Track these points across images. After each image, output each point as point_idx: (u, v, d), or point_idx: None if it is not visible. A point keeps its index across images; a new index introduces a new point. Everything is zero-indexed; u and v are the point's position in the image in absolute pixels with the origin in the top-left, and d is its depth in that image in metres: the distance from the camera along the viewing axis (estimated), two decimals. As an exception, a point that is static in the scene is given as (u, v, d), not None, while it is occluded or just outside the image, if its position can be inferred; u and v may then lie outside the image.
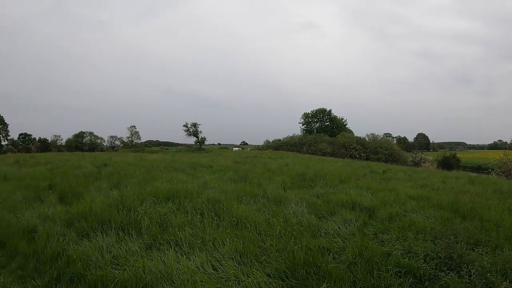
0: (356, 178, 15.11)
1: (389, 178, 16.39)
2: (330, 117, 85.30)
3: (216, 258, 5.38)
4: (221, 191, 10.15)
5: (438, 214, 7.84)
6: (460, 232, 5.97)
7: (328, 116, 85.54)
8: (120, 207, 7.99)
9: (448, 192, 11.23)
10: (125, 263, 5.28)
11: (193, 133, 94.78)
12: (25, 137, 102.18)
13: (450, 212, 8.12)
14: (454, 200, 9.36)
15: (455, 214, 7.92)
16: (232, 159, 28.63)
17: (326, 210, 8.35)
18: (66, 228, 7.00)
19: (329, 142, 63.22)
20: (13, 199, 9.87)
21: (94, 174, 15.12)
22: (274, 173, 16.63)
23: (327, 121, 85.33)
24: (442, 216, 7.63)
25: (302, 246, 5.55)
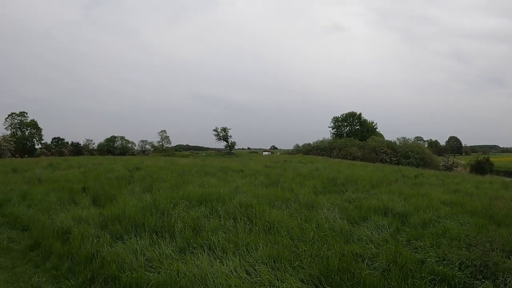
0: (387, 183, 15.08)
1: (421, 183, 16.28)
2: (360, 121, 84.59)
3: (249, 262, 5.41)
4: (253, 195, 10.20)
5: (472, 220, 7.71)
6: (495, 239, 5.86)
7: (358, 119, 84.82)
8: (154, 211, 8.14)
9: (482, 198, 11.09)
10: (159, 266, 5.38)
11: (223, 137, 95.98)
12: (58, 141, 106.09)
13: (485, 218, 7.97)
14: (488, 206, 9.22)
15: (490, 221, 7.78)
16: (262, 163, 28.72)
17: (358, 216, 8.33)
18: (100, 230, 7.21)
19: (359, 146, 62.49)
20: (47, 200, 10.24)
21: (126, 178, 15.55)
22: (305, 177, 16.68)
23: (357, 125, 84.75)
24: (476, 222, 7.50)
25: (336, 252, 5.52)
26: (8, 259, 6.79)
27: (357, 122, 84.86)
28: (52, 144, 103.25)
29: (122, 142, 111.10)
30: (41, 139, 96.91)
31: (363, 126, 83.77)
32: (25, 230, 8.27)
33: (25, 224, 8.53)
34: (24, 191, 11.79)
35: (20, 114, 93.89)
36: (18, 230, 8.36)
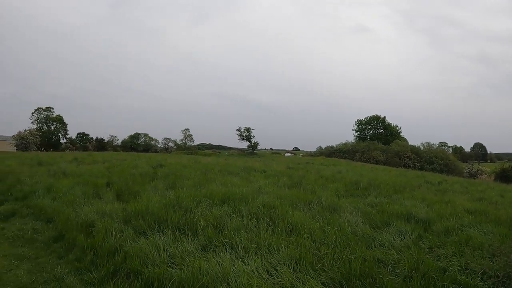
0: (410, 189, 15.01)
1: (445, 189, 16.14)
2: (384, 125, 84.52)
3: (271, 263, 5.43)
4: (275, 196, 10.24)
5: (496, 230, 7.54)
6: (519, 250, 5.72)
7: (382, 123, 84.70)
8: (177, 208, 8.24)
9: (506, 207, 10.88)
10: (181, 263, 5.44)
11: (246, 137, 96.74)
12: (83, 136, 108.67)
13: (509, 228, 7.77)
14: (513, 215, 8.99)
15: (514, 231, 7.61)
16: (284, 164, 28.82)
17: (381, 221, 8.28)
18: (124, 225, 7.35)
19: (382, 150, 62.26)
20: (72, 194, 10.46)
21: (150, 174, 15.73)
22: (328, 180, 16.69)
23: (381, 129, 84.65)
24: (500, 232, 7.33)
25: (358, 256, 5.50)
26: (32, 249, 7.01)
27: (381, 126, 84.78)
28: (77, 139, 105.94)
29: (145, 139, 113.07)
30: (66, 134, 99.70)
31: (387, 130, 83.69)
32: (49, 222, 8.48)
33: (49, 216, 8.74)
34: (49, 184, 12.09)
35: (46, 109, 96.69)
36: (43, 222, 8.59)
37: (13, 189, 12.16)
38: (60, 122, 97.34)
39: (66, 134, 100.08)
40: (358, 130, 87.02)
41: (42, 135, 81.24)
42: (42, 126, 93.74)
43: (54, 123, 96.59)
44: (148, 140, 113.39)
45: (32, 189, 11.51)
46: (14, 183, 13.05)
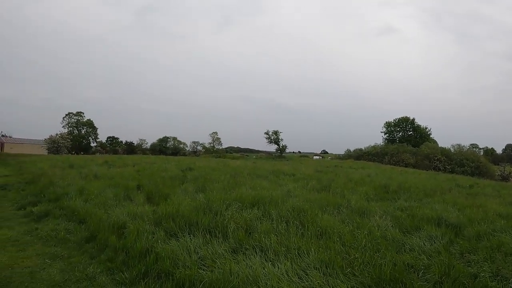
0: (441, 192, 14.76)
1: (476, 193, 15.78)
2: (413, 126, 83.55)
3: (301, 266, 5.43)
4: (304, 200, 10.28)
5: None
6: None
7: (411, 125, 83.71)
8: (207, 211, 8.35)
9: None
10: (212, 265, 5.50)
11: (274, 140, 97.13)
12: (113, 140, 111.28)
13: None
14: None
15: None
16: (313, 167, 28.76)
17: (411, 225, 8.17)
18: (154, 226, 7.47)
19: (412, 152, 61.37)
20: (104, 196, 10.73)
21: (179, 177, 15.97)
22: (357, 183, 16.58)
23: (410, 130, 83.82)
24: None
25: (388, 261, 5.45)
26: (65, 249, 7.24)
27: (410, 128, 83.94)
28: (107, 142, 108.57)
29: (174, 142, 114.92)
30: (96, 138, 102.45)
31: (416, 132, 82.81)
32: (82, 223, 8.72)
33: (81, 217, 8.99)
34: (81, 186, 12.45)
35: (77, 114, 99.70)
36: (75, 223, 8.85)
37: (46, 190, 12.62)
38: (91, 126, 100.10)
39: (96, 138, 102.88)
40: (387, 132, 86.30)
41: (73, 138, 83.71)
42: (73, 130, 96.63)
43: (84, 127, 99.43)
44: (177, 144, 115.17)
45: (64, 191, 11.88)
46: (47, 185, 13.53)
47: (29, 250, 7.13)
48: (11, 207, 11.53)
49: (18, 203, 11.82)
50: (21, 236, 8.15)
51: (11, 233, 8.31)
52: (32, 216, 9.89)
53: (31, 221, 9.45)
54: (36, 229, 8.60)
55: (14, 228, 8.81)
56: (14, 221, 9.52)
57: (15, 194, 13.86)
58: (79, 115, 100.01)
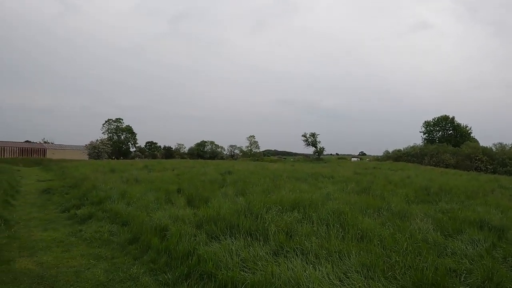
0: (483, 194, 14.42)
1: None
2: (453, 125, 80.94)
3: (342, 269, 5.42)
4: (344, 202, 10.22)
5: None
6: None
7: (451, 124, 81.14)
8: (248, 214, 8.44)
9: None
10: (254, 267, 5.56)
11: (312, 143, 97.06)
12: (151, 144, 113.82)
13: None
14: None
15: None
16: (351, 170, 28.63)
17: (452, 228, 7.97)
18: (196, 229, 7.64)
19: (452, 152, 59.58)
20: (145, 199, 11.03)
21: (219, 181, 16.22)
22: (397, 185, 16.40)
23: (450, 130, 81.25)
24: None
25: (429, 265, 5.35)
26: (108, 250, 7.53)
27: (450, 127, 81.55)
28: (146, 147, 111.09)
29: (211, 146, 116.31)
30: (135, 143, 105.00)
31: (456, 131, 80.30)
32: (124, 225, 9.00)
33: (124, 220, 9.28)
34: (123, 190, 12.83)
35: (116, 120, 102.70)
36: (118, 225, 9.14)
37: (88, 194, 13.08)
38: (130, 132, 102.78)
39: (135, 143, 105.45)
40: (426, 132, 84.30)
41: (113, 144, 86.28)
42: (113, 136, 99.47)
43: (123, 133, 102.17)
44: (214, 148, 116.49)
45: (107, 194, 12.29)
46: (90, 188, 14.04)
47: (74, 251, 7.47)
48: (56, 209, 12.06)
49: (62, 206, 12.36)
50: (66, 237, 8.53)
51: (56, 235, 8.72)
52: (76, 218, 10.32)
53: (75, 223, 9.87)
54: (80, 230, 8.97)
55: (59, 229, 9.23)
56: (58, 223, 9.97)
57: (59, 197, 14.47)
58: (118, 122, 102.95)
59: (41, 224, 9.82)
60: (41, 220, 10.39)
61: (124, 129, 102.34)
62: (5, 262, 6.61)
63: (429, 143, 75.58)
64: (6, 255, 7.00)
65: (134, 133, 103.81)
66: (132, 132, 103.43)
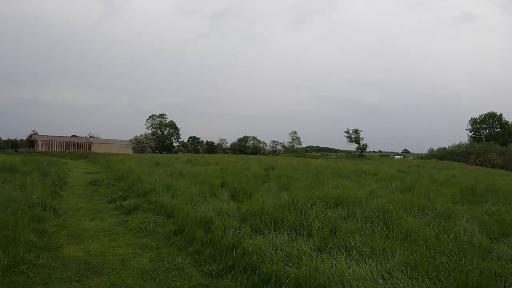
0: None
1: None
2: (500, 123, 78.02)
3: (385, 268, 5.37)
4: (388, 200, 10.15)
5: None
6: None
7: (498, 121, 78.03)
8: (292, 209, 8.47)
9: None
10: (298, 262, 5.57)
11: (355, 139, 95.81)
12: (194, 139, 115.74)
13: None
14: None
15: None
16: (395, 167, 28.38)
17: (499, 231, 7.66)
18: (240, 222, 7.75)
19: (499, 152, 57.52)
20: (190, 192, 11.21)
21: (262, 176, 16.36)
22: (442, 185, 16.05)
23: (497, 128, 78.25)
24: None
25: (474, 268, 5.21)
26: (154, 240, 7.75)
27: (497, 124, 78.68)
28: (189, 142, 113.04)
29: (253, 142, 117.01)
30: (178, 138, 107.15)
31: (504, 129, 77.53)
32: (170, 217, 9.21)
33: (169, 212, 9.49)
34: (168, 183, 13.11)
35: (160, 116, 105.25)
36: (163, 217, 9.37)
37: (134, 186, 13.49)
38: (173, 127, 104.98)
39: (178, 138, 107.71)
40: (472, 130, 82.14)
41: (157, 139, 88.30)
42: (156, 131, 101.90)
43: (167, 128, 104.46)
44: (256, 143, 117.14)
45: (152, 187, 12.60)
46: (135, 181, 14.45)
47: (120, 240, 7.75)
48: (102, 200, 12.51)
49: (108, 197, 12.81)
50: (113, 227, 8.84)
51: (103, 224, 9.07)
52: (122, 209, 10.66)
53: (121, 214, 10.20)
54: (126, 221, 9.27)
55: (106, 219, 9.58)
56: (105, 214, 10.35)
57: (105, 189, 14.97)
58: (162, 117, 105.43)
59: (88, 214, 10.21)
60: (88, 210, 10.81)
61: (167, 124, 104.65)
62: (54, 248, 6.94)
63: (475, 141, 73.32)
64: (55, 242, 7.34)
65: (177, 128, 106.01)
66: (176, 127, 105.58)
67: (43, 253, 6.60)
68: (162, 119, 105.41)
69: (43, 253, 6.60)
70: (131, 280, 5.67)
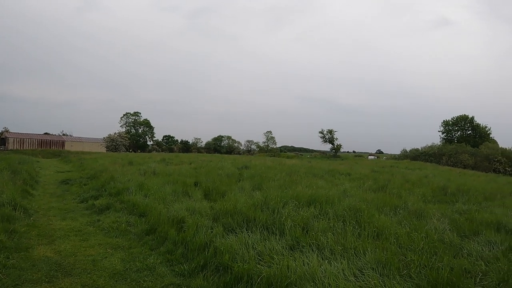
0: (501, 196, 14.27)
1: None
2: (472, 125, 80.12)
3: (357, 266, 5.44)
4: (361, 199, 10.29)
5: None
6: None
7: (470, 123, 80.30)
8: (264, 208, 8.51)
9: None
10: (270, 260, 5.60)
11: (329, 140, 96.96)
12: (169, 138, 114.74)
13: None
14: None
15: None
16: (368, 167, 28.81)
17: (469, 229, 7.95)
18: (213, 222, 7.74)
19: (470, 153, 58.97)
20: (163, 191, 11.11)
21: (235, 175, 16.27)
22: (414, 184, 16.38)
23: (469, 130, 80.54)
24: None
25: (445, 264, 5.33)
26: (126, 240, 7.67)
27: (469, 127, 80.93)
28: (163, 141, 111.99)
29: (228, 141, 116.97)
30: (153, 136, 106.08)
31: (475, 131, 79.73)
32: (142, 216, 9.11)
33: (142, 211, 9.38)
34: (141, 182, 12.94)
35: (134, 114, 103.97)
36: (135, 216, 9.26)
37: (107, 185, 13.32)
38: (147, 125, 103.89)
39: (153, 137, 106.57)
40: (444, 132, 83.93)
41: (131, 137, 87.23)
42: (131, 129, 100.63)
43: (141, 127, 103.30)
44: (231, 142, 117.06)
45: (124, 186, 12.44)
46: (108, 180, 14.26)
47: (92, 240, 7.63)
48: (74, 200, 12.27)
49: (80, 197, 12.57)
50: (84, 226, 8.70)
51: (75, 224, 8.91)
52: (94, 208, 10.49)
53: (93, 213, 10.04)
54: (98, 220, 9.13)
55: (77, 219, 9.42)
56: (77, 213, 10.17)
57: (77, 188, 14.73)
58: (136, 115, 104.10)
59: (60, 214, 10.01)
60: (59, 209, 10.59)
61: (141, 123, 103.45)
62: (24, 249, 6.77)
63: (447, 142, 74.97)
64: (25, 242, 7.16)
65: (151, 127, 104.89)
66: (150, 125, 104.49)
67: (13, 253, 6.43)
68: (137, 117, 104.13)
69: (13, 253, 6.43)
70: (102, 280, 5.59)
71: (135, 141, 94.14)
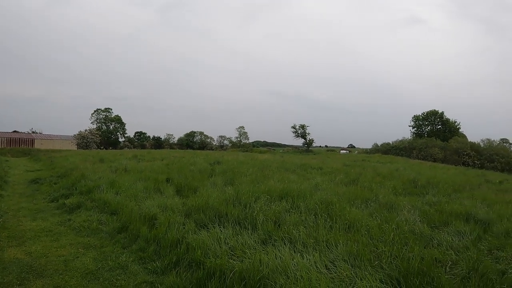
0: (470, 188, 14.85)
1: (506, 189, 15.79)
2: (442, 120, 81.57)
3: (329, 258, 5.51)
4: (332, 193, 10.42)
5: None
6: None
7: (439, 119, 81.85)
8: (236, 203, 8.55)
9: None
10: (242, 255, 5.63)
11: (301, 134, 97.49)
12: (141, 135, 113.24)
13: None
14: None
15: None
16: (340, 162, 29.08)
17: (439, 220, 8.21)
18: (185, 218, 7.73)
19: (440, 147, 60.00)
20: (134, 188, 11.03)
21: (208, 171, 16.19)
22: (385, 178, 16.69)
23: (438, 124, 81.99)
24: None
25: (415, 255, 5.45)
26: (97, 239, 7.55)
27: (438, 122, 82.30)
28: (135, 137, 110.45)
29: (201, 137, 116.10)
30: (124, 133, 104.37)
31: (445, 126, 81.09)
32: (113, 214, 9.00)
33: (113, 209, 9.26)
34: (112, 179, 12.77)
35: (105, 110, 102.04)
36: (107, 214, 9.12)
37: (77, 183, 13.04)
38: (119, 122, 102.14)
39: (124, 133, 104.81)
40: (415, 126, 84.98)
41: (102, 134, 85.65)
42: (102, 126, 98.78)
43: (112, 123, 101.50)
44: (204, 138, 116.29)
45: (95, 184, 12.24)
46: (79, 178, 13.97)
47: (63, 240, 7.47)
48: (44, 199, 11.97)
49: (50, 196, 12.27)
50: (55, 226, 8.52)
51: (45, 224, 8.71)
52: (64, 208, 10.27)
53: (64, 213, 9.83)
54: (69, 220, 8.97)
55: (48, 219, 9.20)
56: (47, 213, 9.93)
57: (47, 187, 14.36)
58: (107, 111, 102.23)
59: (30, 214, 9.76)
60: (29, 210, 10.33)
61: (113, 119, 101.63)
62: (-6, 251, 6.60)
63: (418, 137, 76.05)
64: (-6, 244, 6.98)
65: (123, 123, 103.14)
66: (121, 122, 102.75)
67: (-18, 256, 6.26)
68: (108, 113, 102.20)
69: (-18, 256, 6.26)
70: (74, 281, 5.51)
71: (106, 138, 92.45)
